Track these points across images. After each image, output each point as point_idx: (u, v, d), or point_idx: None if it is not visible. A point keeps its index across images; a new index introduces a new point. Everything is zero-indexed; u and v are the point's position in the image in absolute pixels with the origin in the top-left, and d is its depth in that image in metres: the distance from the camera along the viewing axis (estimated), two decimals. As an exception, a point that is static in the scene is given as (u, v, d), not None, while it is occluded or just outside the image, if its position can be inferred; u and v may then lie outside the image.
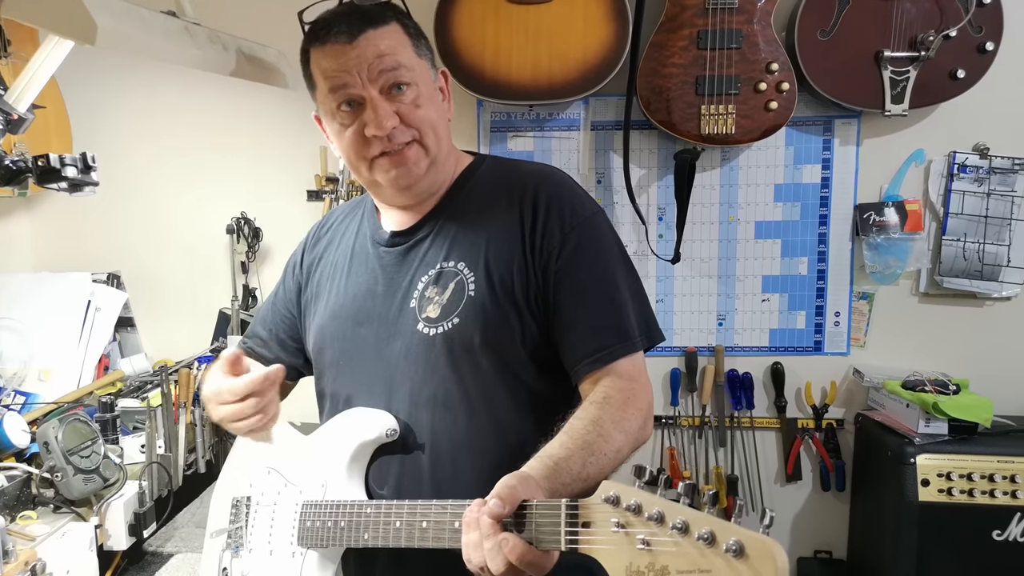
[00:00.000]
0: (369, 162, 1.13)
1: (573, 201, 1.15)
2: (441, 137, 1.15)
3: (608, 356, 1.08)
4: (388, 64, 1.09)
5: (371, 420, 1.14)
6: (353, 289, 1.22)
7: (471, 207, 1.18)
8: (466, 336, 1.10)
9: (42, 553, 1.39)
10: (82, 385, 2.10)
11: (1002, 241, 2.27)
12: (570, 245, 1.11)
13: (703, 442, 2.46)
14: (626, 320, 1.11)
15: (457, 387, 1.12)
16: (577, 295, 1.10)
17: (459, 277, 1.13)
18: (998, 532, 2.04)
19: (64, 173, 1.23)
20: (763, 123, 2.15)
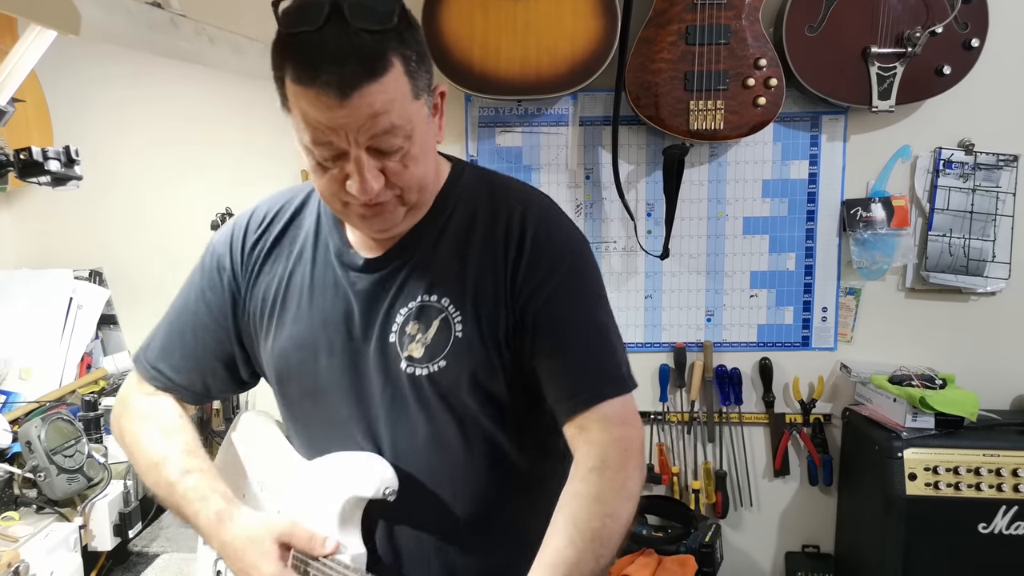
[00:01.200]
0: (343, 203, 0.99)
1: (559, 236, 1.07)
2: (426, 187, 1.02)
3: (598, 395, 1.01)
4: (382, 126, 0.92)
5: (369, 474, 1.03)
6: (322, 316, 1.08)
7: (453, 233, 1.06)
8: (454, 379, 1.03)
9: (25, 554, 1.37)
10: (64, 383, 2.07)
11: (987, 236, 2.28)
12: (554, 283, 1.03)
13: (692, 438, 2.47)
14: (614, 360, 1.05)
15: (450, 426, 1.05)
16: (564, 335, 1.03)
17: (444, 315, 1.03)
18: (984, 525, 2.06)
19: (47, 167, 1.21)
20: (751, 119, 2.16)
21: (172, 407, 1.15)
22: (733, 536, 2.48)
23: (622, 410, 1.02)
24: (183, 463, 1.07)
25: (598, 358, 1.04)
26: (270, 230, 1.14)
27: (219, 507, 1.03)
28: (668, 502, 2.43)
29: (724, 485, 2.45)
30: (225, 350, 1.15)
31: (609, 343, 1.05)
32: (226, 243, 1.15)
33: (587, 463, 0.97)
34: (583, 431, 1.00)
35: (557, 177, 2.37)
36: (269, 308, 1.12)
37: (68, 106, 2.37)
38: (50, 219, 2.43)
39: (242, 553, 1.01)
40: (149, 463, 1.09)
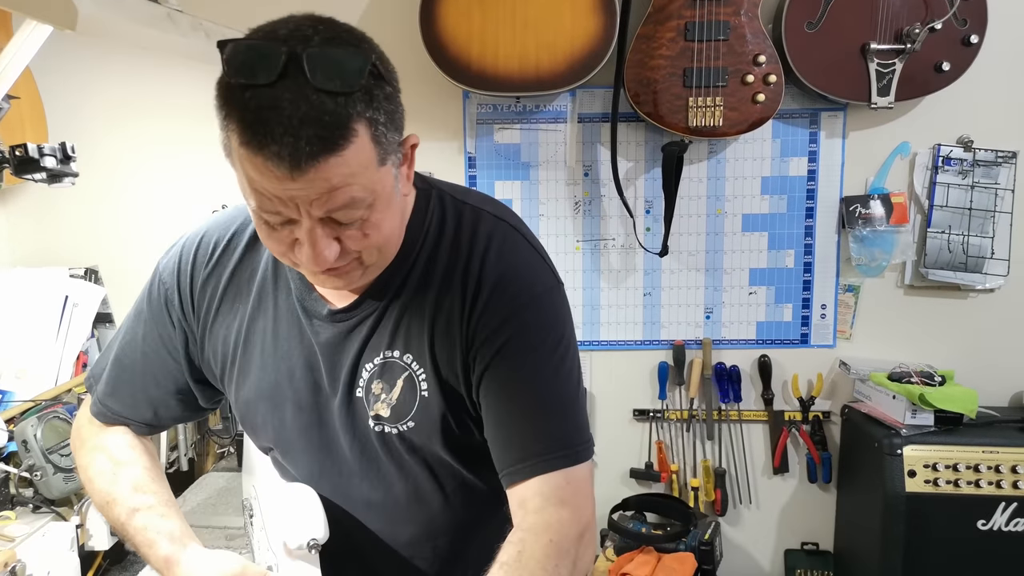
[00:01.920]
0: (293, 263, 0.90)
1: (522, 278, 0.96)
2: (387, 246, 0.91)
3: (537, 466, 0.91)
4: (340, 201, 0.80)
5: (295, 521, 1.00)
6: (288, 366, 1.01)
7: (415, 282, 0.97)
8: (425, 437, 0.98)
9: (22, 554, 1.35)
10: (60, 383, 2.05)
11: (986, 233, 2.28)
12: (502, 340, 0.93)
13: (691, 435, 2.46)
14: (561, 428, 0.94)
15: (426, 480, 1.02)
16: (507, 399, 0.94)
17: (408, 373, 0.97)
18: (983, 522, 2.06)
19: (43, 164, 1.19)
20: (750, 115, 2.15)
21: (123, 439, 1.09)
22: (732, 533, 2.48)
23: (562, 488, 0.90)
24: (131, 502, 1.01)
25: (542, 426, 0.93)
26: (223, 263, 1.03)
27: (166, 552, 0.96)
28: (667, 500, 2.43)
29: (723, 483, 2.44)
30: (177, 384, 1.09)
31: (558, 409, 0.94)
32: (173, 275, 1.06)
33: (503, 556, 0.88)
34: (520, 506, 0.91)
35: (555, 174, 2.36)
36: (231, 355, 1.04)
37: (63, 104, 2.35)
38: (45, 217, 2.42)
39: None
40: (101, 502, 1.05)
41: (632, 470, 2.47)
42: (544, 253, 1.01)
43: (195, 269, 1.04)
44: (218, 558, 0.95)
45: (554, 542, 0.87)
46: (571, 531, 0.89)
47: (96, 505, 1.07)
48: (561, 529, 0.88)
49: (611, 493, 2.42)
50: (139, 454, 1.08)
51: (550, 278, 0.99)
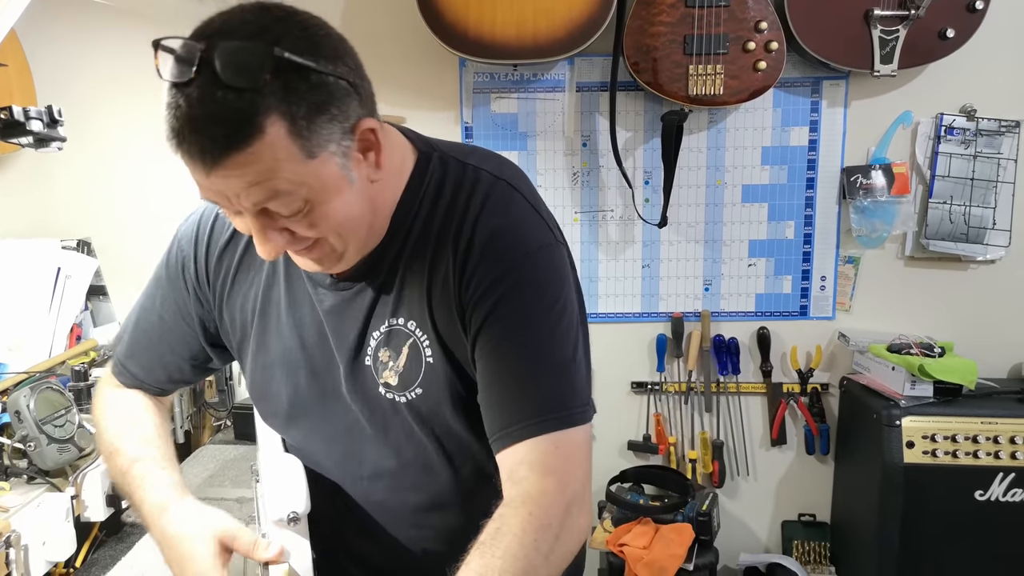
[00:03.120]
0: None
1: (515, 235, 0.93)
2: (360, 228, 0.90)
3: (530, 428, 0.88)
4: (263, 195, 0.80)
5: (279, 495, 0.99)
6: (300, 332, 1.02)
7: (415, 245, 0.96)
8: (433, 405, 0.97)
9: (16, 524, 1.34)
10: (54, 355, 2.03)
11: (987, 204, 2.26)
12: (501, 291, 0.90)
13: (689, 408, 2.46)
14: (560, 386, 0.91)
15: (436, 449, 1.01)
16: (504, 352, 0.91)
17: (412, 340, 0.96)
18: (980, 492, 2.06)
19: (29, 127, 1.16)
20: (752, 84, 2.12)
21: (138, 400, 1.13)
22: (730, 505, 2.49)
23: (549, 455, 0.87)
24: (133, 452, 1.05)
25: (532, 389, 0.90)
26: (239, 235, 1.04)
27: (160, 499, 0.99)
28: (665, 472, 2.42)
29: (721, 455, 2.44)
30: (192, 349, 1.12)
31: (550, 371, 0.91)
32: (191, 244, 1.07)
33: (483, 534, 0.85)
34: (508, 477, 0.89)
35: (553, 144, 2.33)
36: (249, 323, 1.06)
37: (53, 75, 2.31)
38: (36, 189, 2.38)
39: (176, 545, 0.95)
40: (107, 452, 1.09)
41: (630, 442, 2.47)
42: (544, 211, 0.98)
43: (212, 240, 1.05)
44: (210, 514, 0.97)
45: (534, 515, 0.84)
46: (555, 502, 0.85)
47: (103, 456, 1.11)
48: (543, 501, 0.85)
49: (609, 465, 2.42)
50: (151, 414, 1.11)
51: (547, 235, 0.95)
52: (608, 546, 2.14)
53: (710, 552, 2.16)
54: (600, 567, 2.24)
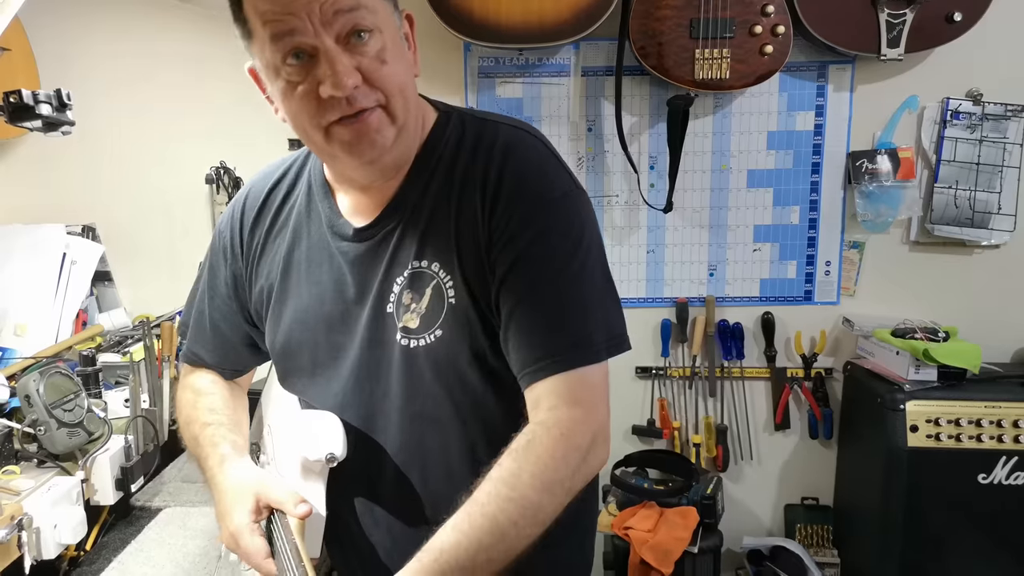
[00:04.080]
0: (324, 130, 0.92)
1: (539, 180, 0.97)
2: (409, 100, 0.96)
3: (558, 363, 0.91)
4: (345, 4, 0.86)
5: (315, 437, 1.03)
6: (319, 290, 1.06)
7: (436, 189, 1.00)
8: (451, 349, 0.98)
9: (28, 507, 1.35)
10: (60, 340, 2.04)
11: (993, 188, 2.26)
12: (528, 233, 0.94)
13: (693, 392, 2.47)
14: (586, 324, 0.94)
15: (447, 402, 1.01)
16: (531, 291, 0.93)
17: (436, 281, 0.98)
18: (984, 475, 2.08)
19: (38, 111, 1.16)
20: (758, 68, 2.11)
21: (206, 377, 1.21)
22: (733, 489, 2.50)
23: (577, 388, 0.91)
24: (205, 418, 1.14)
25: (559, 327, 0.93)
26: (266, 209, 1.12)
27: (223, 453, 1.07)
28: (669, 456, 2.44)
29: (725, 439, 2.45)
30: (241, 331, 1.19)
31: (575, 309, 0.94)
32: (228, 226, 1.16)
33: (512, 444, 0.89)
34: (535, 407, 0.92)
35: (559, 129, 2.33)
36: (272, 287, 1.11)
37: (57, 60, 2.29)
38: (40, 174, 2.38)
39: (224, 498, 1.03)
40: (184, 423, 1.18)
41: (634, 427, 2.48)
42: (563, 161, 1.02)
43: (244, 217, 1.14)
44: (261, 472, 1.06)
45: (564, 435, 0.88)
46: (583, 429, 0.90)
47: (181, 429, 1.20)
48: (572, 426, 0.89)
49: (613, 449, 2.40)
50: (219, 388, 1.20)
51: (569, 182, 0.99)
52: (613, 529, 2.16)
53: (714, 535, 2.18)
54: (605, 550, 2.25)
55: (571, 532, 1.11)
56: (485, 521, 0.83)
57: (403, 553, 1.00)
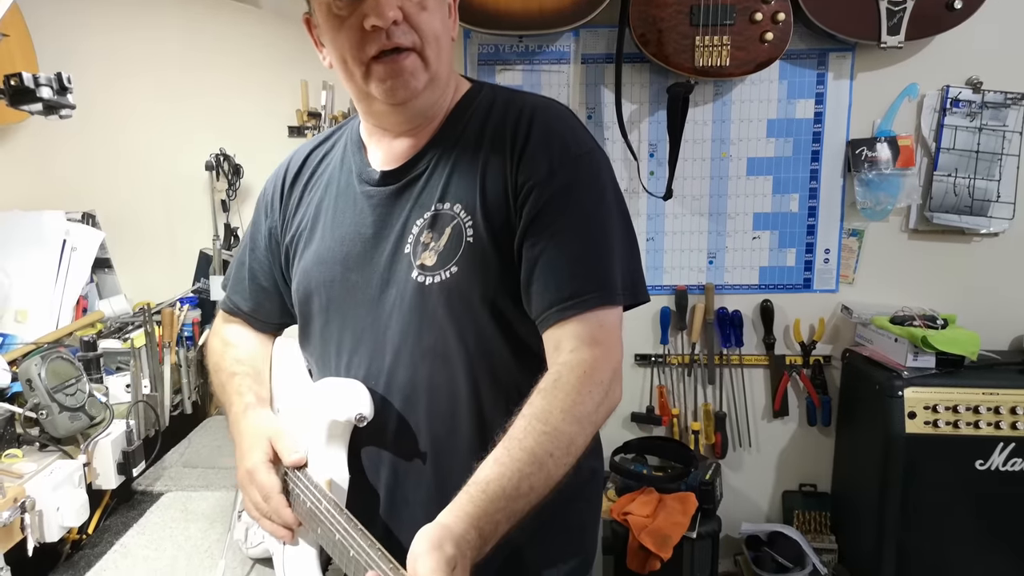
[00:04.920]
0: (365, 67, 1.01)
1: (568, 135, 1.04)
2: (443, 52, 1.04)
3: (579, 305, 0.97)
4: None
5: (343, 398, 1.06)
6: (340, 232, 1.12)
7: (466, 141, 1.07)
8: (464, 287, 1.02)
9: (31, 490, 1.36)
10: (60, 326, 2.04)
11: (992, 176, 2.27)
12: (556, 182, 1.00)
13: (692, 380, 2.47)
14: (607, 269, 0.99)
15: (456, 340, 1.04)
16: (555, 235, 0.99)
17: (456, 221, 1.03)
18: (981, 461, 2.09)
19: (39, 94, 1.16)
20: (758, 55, 2.11)
21: (237, 328, 1.30)
22: (732, 476, 2.51)
23: (597, 329, 0.97)
24: (233, 368, 1.22)
25: (579, 268, 0.99)
26: (306, 167, 1.22)
27: (249, 401, 1.16)
28: (668, 443, 2.45)
29: (724, 426, 2.47)
30: (275, 285, 1.26)
31: (602, 249, 1.00)
32: (271, 183, 1.26)
33: (540, 384, 0.95)
34: (556, 349, 0.98)
35: (558, 117, 2.32)
36: (301, 235, 1.19)
37: (55, 46, 2.29)
38: (38, 160, 2.38)
39: (243, 440, 1.11)
40: (213, 369, 1.27)
41: (633, 414, 2.49)
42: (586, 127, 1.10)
43: (286, 175, 1.24)
44: (281, 425, 1.12)
45: (587, 374, 0.94)
46: (604, 367, 0.96)
47: (210, 373, 1.29)
48: (595, 364, 0.95)
49: (613, 436, 2.44)
50: (246, 341, 1.28)
51: (593, 142, 1.07)
52: (612, 515, 2.17)
53: (713, 521, 2.19)
54: (604, 535, 2.26)
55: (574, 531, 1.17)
56: (524, 454, 0.88)
57: (405, 489, 1.09)
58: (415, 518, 0.98)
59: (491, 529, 0.84)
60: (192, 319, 2.12)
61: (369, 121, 1.13)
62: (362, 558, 0.85)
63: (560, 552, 1.14)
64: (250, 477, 1.07)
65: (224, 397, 1.22)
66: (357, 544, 0.87)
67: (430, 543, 0.78)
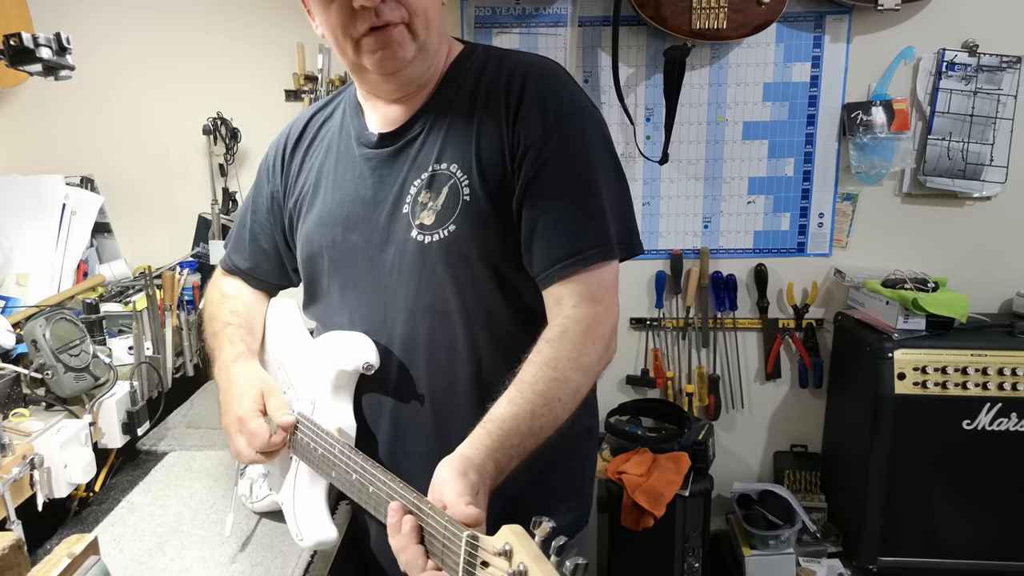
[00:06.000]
0: (355, 42, 1.04)
1: (561, 93, 1.07)
2: (432, 23, 1.06)
3: (580, 262, 1.02)
4: None
5: (350, 349, 1.11)
6: (341, 194, 1.16)
7: (461, 103, 1.10)
8: (463, 244, 1.06)
9: (39, 448, 1.38)
10: (61, 290, 2.06)
11: (986, 140, 2.28)
12: (552, 141, 1.03)
13: (687, 343, 2.51)
14: (603, 226, 1.04)
15: (455, 296, 1.08)
16: (552, 195, 1.03)
17: (452, 180, 1.06)
18: (968, 421, 2.13)
19: (39, 54, 1.16)
20: (755, 18, 2.11)
21: (234, 282, 1.35)
22: (724, 437, 2.56)
23: (596, 287, 1.02)
24: (226, 319, 1.27)
25: (578, 226, 1.03)
26: (306, 132, 1.26)
27: (240, 351, 1.21)
28: (662, 405, 2.49)
29: (717, 388, 2.51)
30: (274, 246, 1.31)
31: (598, 207, 1.04)
32: (273, 149, 1.30)
33: (547, 334, 1.01)
34: (557, 305, 1.03)
35: (555, 81, 2.32)
36: (303, 199, 1.23)
37: (52, 8, 2.27)
38: (36, 125, 2.37)
39: (232, 387, 1.16)
40: (207, 318, 1.33)
41: (628, 377, 2.53)
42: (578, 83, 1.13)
43: (287, 140, 1.28)
44: (263, 374, 1.18)
45: (591, 327, 1.00)
46: (604, 322, 1.02)
47: (204, 321, 1.34)
48: (596, 319, 1.01)
49: (608, 399, 2.48)
50: (243, 294, 1.33)
51: (586, 98, 1.10)
52: (607, 474, 2.22)
53: (705, 479, 2.24)
54: (599, 493, 2.32)
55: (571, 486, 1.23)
56: (535, 396, 0.94)
57: (405, 441, 1.14)
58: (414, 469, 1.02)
59: (506, 462, 0.89)
60: (192, 283, 2.14)
61: (364, 88, 1.17)
62: (383, 491, 0.90)
63: (557, 504, 1.19)
64: (240, 424, 1.12)
65: (215, 343, 1.26)
66: (378, 480, 0.92)
67: (455, 470, 0.83)
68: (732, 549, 2.40)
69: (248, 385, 1.15)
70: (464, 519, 0.78)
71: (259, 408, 1.13)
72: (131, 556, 1.27)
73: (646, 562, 2.23)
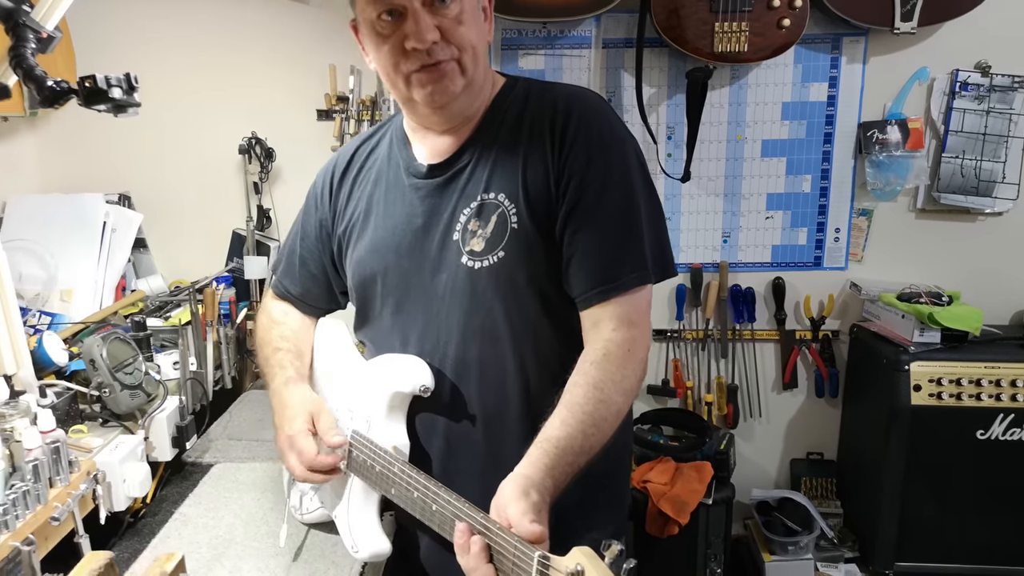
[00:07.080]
0: (406, 77, 1.10)
1: (602, 124, 1.13)
2: (479, 59, 1.13)
3: (619, 287, 1.08)
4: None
5: (406, 372, 1.17)
6: (392, 222, 1.21)
7: (506, 134, 1.16)
8: (511, 270, 1.12)
9: (100, 463, 1.45)
10: (104, 306, 2.12)
11: (998, 158, 2.34)
12: (593, 170, 1.10)
13: (706, 354, 2.57)
14: (640, 252, 1.10)
15: (503, 319, 1.14)
16: (593, 222, 1.09)
17: (500, 209, 1.12)
18: (982, 432, 2.19)
19: (111, 94, 1.22)
20: (775, 41, 2.17)
21: (284, 308, 1.41)
22: (742, 445, 2.62)
23: (632, 310, 1.08)
24: (277, 344, 1.35)
25: (618, 252, 1.09)
26: (354, 162, 1.32)
27: (290, 375, 1.29)
28: (682, 414, 2.55)
29: (735, 398, 2.57)
30: (323, 272, 1.37)
31: (635, 233, 1.10)
32: (321, 178, 1.36)
33: (590, 357, 1.06)
34: (595, 327, 1.09)
35: (579, 100, 2.38)
36: (352, 226, 1.28)
37: (91, 31, 2.32)
38: (75, 144, 2.43)
39: (285, 410, 1.23)
40: (259, 344, 1.40)
41: (650, 387, 2.59)
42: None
43: (335, 169, 1.34)
44: (321, 400, 1.25)
45: (631, 351, 1.07)
46: (642, 345, 1.09)
47: (256, 347, 1.42)
48: (635, 343, 1.08)
49: (629, 408, 2.53)
50: (291, 320, 1.39)
51: (625, 129, 1.18)
52: (632, 483, 2.28)
53: (727, 488, 2.30)
54: (622, 503, 2.37)
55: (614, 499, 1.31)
56: (585, 416, 1.00)
57: (457, 459, 1.19)
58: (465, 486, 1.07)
59: (562, 480, 0.95)
60: (228, 297, 2.20)
61: (413, 120, 1.22)
62: (447, 510, 0.95)
63: (598, 516, 1.25)
64: (290, 443, 1.19)
65: (267, 369, 1.34)
66: (441, 498, 0.97)
67: (518, 490, 0.89)
68: (752, 554, 2.46)
69: (299, 407, 1.23)
70: (529, 537, 0.83)
71: (309, 428, 1.20)
72: (191, 568, 1.31)
73: (671, 568, 2.29)
